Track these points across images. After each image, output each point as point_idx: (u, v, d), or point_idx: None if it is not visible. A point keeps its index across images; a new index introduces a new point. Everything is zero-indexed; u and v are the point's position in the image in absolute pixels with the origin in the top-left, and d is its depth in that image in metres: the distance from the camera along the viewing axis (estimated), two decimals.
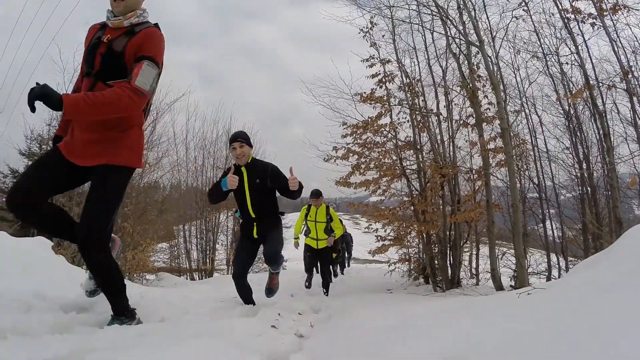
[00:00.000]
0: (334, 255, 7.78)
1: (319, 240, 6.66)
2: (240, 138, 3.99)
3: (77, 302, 2.43)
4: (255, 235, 4.13)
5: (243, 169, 4.02)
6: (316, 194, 6.65)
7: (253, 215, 4.06)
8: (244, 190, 4.01)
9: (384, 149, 7.10)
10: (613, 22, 5.47)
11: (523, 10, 6.35)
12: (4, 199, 12.35)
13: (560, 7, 5.75)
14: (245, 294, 4.08)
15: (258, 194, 4.03)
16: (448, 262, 6.58)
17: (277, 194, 4.14)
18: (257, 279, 9.19)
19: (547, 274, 6.77)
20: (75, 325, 2.13)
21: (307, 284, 7.26)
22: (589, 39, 5.77)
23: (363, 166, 6.94)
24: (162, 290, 5.41)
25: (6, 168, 11.43)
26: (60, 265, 3.52)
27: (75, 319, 2.20)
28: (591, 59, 5.90)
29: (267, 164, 4.15)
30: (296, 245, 7.05)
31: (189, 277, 12.97)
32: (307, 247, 6.99)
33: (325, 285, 6.65)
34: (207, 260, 13.50)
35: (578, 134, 6.96)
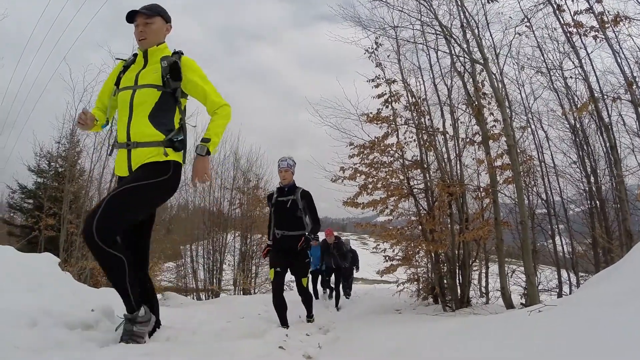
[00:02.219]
0: (304, 280, 4.69)
1: (134, 150, 2.47)
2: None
3: (83, 319, 2.41)
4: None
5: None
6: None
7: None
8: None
9: (391, 168, 7.09)
10: (615, 34, 5.49)
11: (526, 26, 6.42)
12: (12, 214, 12.50)
13: (562, 22, 5.79)
14: None
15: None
16: (457, 281, 6.48)
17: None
18: (263, 299, 9.11)
19: (557, 290, 6.64)
20: (80, 342, 2.12)
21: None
22: (591, 52, 5.80)
23: (370, 186, 6.92)
24: (169, 310, 5.37)
25: (15, 184, 11.59)
26: (66, 281, 3.52)
27: (81, 336, 2.19)
28: (595, 72, 5.92)
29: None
30: None
31: (195, 297, 12.92)
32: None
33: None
34: (214, 281, 13.48)
35: (585, 147, 6.93)
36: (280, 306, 4.48)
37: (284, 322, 4.43)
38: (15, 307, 2.23)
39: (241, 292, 13.42)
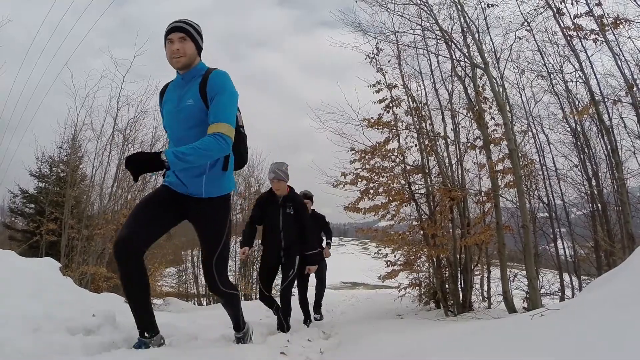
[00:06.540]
0: None
1: None
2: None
3: (84, 324, 2.41)
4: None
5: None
6: None
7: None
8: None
9: (392, 173, 7.07)
10: (615, 37, 5.47)
11: (526, 30, 6.40)
12: (13, 219, 12.46)
13: (562, 25, 5.79)
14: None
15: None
16: (459, 285, 6.45)
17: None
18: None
19: (560, 294, 6.61)
20: (81, 347, 2.12)
21: None
22: (592, 55, 5.78)
23: (372, 191, 6.90)
24: (170, 315, 5.37)
25: (17, 188, 11.60)
26: (68, 287, 3.52)
27: (82, 341, 2.19)
28: (595, 75, 5.91)
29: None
30: None
31: (196, 303, 12.89)
32: None
33: None
34: None
35: (586, 150, 6.89)
36: None
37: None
38: (17, 312, 2.23)
39: (242, 298, 13.39)
